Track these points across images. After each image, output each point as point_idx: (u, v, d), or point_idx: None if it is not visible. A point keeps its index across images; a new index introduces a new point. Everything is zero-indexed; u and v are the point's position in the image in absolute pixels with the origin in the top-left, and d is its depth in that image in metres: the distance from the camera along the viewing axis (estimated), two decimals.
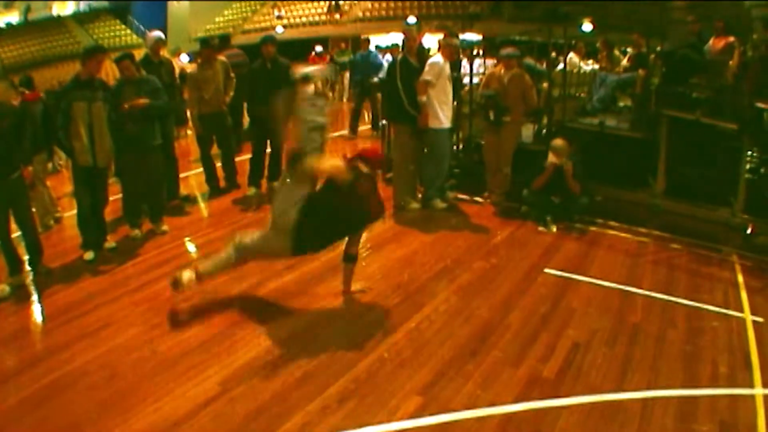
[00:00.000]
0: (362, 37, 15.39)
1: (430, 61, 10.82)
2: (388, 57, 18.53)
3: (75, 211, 9.31)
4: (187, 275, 7.19)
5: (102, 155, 8.88)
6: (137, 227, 10.06)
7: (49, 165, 9.74)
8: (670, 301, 7.71)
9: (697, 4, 15.20)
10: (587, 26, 15.65)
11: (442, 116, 10.74)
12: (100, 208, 9.36)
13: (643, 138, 11.48)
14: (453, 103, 11.18)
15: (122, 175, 10.16)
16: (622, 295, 7.87)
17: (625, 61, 14.94)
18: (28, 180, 8.68)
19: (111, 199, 9.92)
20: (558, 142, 10.23)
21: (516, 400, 5.55)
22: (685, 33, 13.20)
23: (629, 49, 15.34)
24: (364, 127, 19.10)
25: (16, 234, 8.50)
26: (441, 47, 11.14)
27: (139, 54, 10.70)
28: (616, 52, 15.55)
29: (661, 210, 10.71)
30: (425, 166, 11.24)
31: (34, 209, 9.06)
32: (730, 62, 11.14)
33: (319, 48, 25.84)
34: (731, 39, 12.10)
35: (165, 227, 10.21)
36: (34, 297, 8.08)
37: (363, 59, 19.37)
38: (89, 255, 9.10)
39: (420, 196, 11.51)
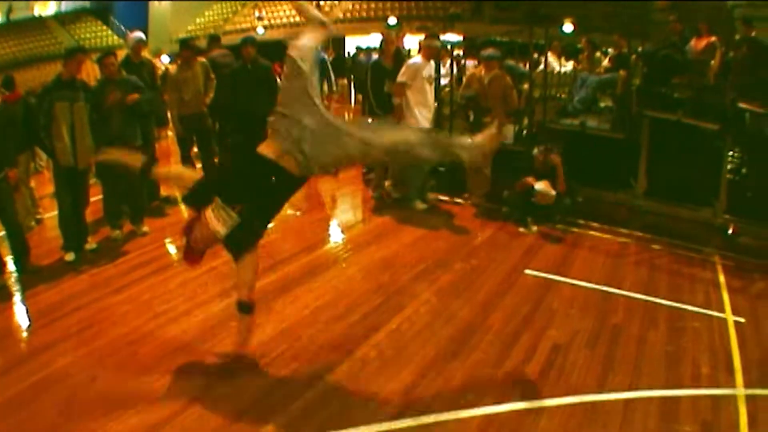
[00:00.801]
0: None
1: (407, 62, 10.87)
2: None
3: (56, 212, 9.29)
4: None
5: (83, 156, 8.86)
6: (118, 228, 10.02)
7: (32, 165, 9.68)
8: (652, 301, 7.73)
9: (679, 4, 15.27)
10: (568, 27, 15.70)
11: (420, 117, 10.77)
12: (81, 209, 9.34)
13: (625, 138, 11.54)
14: (434, 104, 11.12)
15: (102, 176, 10.11)
16: (604, 295, 7.89)
17: (606, 62, 14.98)
18: (13, 181, 8.67)
19: (92, 200, 9.89)
20: (542, 187, 10.20)
21: (497, 401, 5.52)
22: (666, 33, 13.25)
23: (610, 50, 15.38)
24: None
25: None
26: (421, 48, 11.19)
27: (120, 55, 10.66)
28: (597, 53, 15.59)
29: (642, 211, 10.77)
30: (403, 167, 11.26)
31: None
32: (712, 62, 11.15)
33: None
34: (713, 39, 12.15)
35: (145, 228, 10.18)
36: (16, 298, 8.04)
37: None
38: (70, 256, 9.05)
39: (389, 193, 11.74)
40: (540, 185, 10.18)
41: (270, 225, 6.14)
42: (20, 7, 50.07)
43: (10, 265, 8.63)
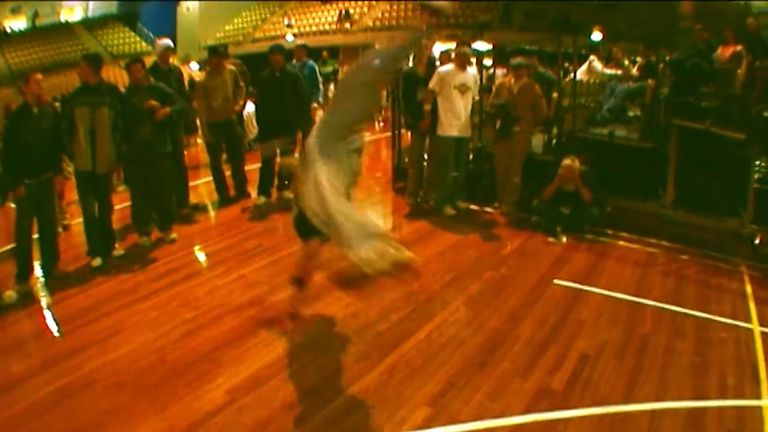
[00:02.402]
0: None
1: (437, 70, 10.99)
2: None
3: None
4: None
5: (102, 161, 8.98)
6: (146, 235, 10.14)
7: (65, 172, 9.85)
8: (679, 312, 7.71)
9: (705, 12, 15.18)
10: (596, 35, 15.67)
11: (446, 123, 10.92)
12: (106, 215, 9.45)
13: (653, 148, 11.51)
14: (466, 111, 11.22)
15: (131, 182, 10.21)
16: (632, 306, 7.87)
17: (634, 71, 14.94)
18: (58, 186, 8.98)
19: (120, 206, 9.99)
20: (567, 162, 10.26)
21: (524, 412, 5.56)
22: (693, 41, 13.21)
23: (638, 59, 15.34)
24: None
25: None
26: (453, 56, 11.27)
27: (148, 62, 10.76)
28: (626, 62, 15.55)
29: (670, 220, 10.72)
30: (431, 172, 11.39)
31: None
32: (738, 71, 11.13)
33: None
34: (739, 48, 12.09)
35: (174, 235, 10.28)
36: (43, 303, 8.17)
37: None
38: (97, 261, 9.20)
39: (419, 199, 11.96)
40: (566, 160, 10.29)
41: None
42: (46, 13, 50.21)
43: (38, 271, 8.78)
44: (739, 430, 5.47)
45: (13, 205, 8.83)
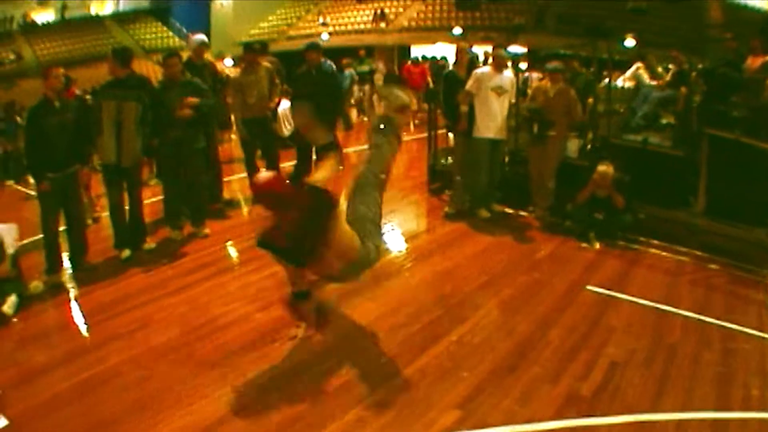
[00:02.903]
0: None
1: (474, 71, 11.10)
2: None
3: None
4: None
5: (127, 155, 9.10)
6: (178, 229, 10.29)
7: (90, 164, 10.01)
8: (707, 321, 7.74)
9: (733, 20, 15.17)
10: (630, 42, 15.70)
11: (481, 125, 11.04)
12: (136, 208, 9.59)
13: (685, 156, 11.54)
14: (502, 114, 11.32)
15: (164, 176, 10.35)
16: (661, 314, 7.91)
17: (667, 77, 14.94)
18: (84, 179, 9.11)
19: (152, 200, 10.14)
20: (602, 169, 10.32)
21: (553, 418, 5.63)
22: (723, 50, 13.21)
23: (671, 66, 15.36)
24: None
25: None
26: (491, 58, 11.41)
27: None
28: (660, 69, 15.55)
29: (700, 230, 10.75)
30: (466, 174, 11.54)
31: None
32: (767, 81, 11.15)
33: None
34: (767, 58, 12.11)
35: (206, 231, 10.43)
36: (71, 295, 8.32)
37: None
38: (125, 253, 9.40)
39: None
40: (601, 166, 10.33)
41: None
42: (74, 6, 50.33)
43: (66, 263, 8.93)
44: None
45: (33, 193, 8.92)
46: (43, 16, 49.50)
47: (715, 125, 10.96)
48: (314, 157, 12.11)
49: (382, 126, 6.61)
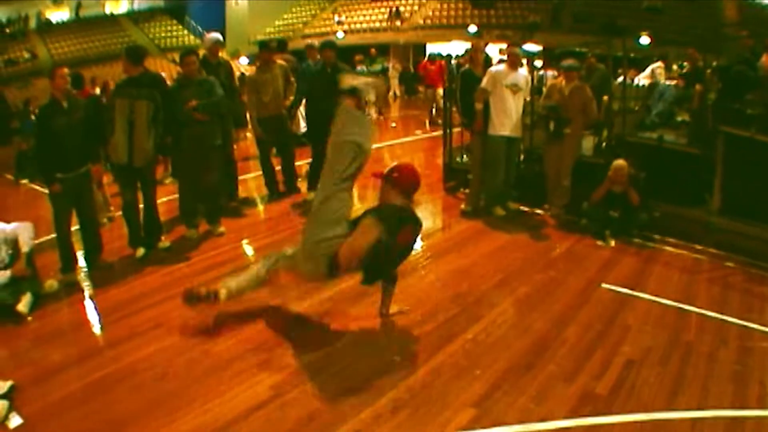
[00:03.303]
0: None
1: (489, 69, 11.11)
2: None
3: None
4: (223, 292, 7.15)
5: (139, 154, 9.09)
6: (193, 228, 10.34)
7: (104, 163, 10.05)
8: (723, 320, 7.71)
9: (749, 18, 15.12)
10: (645, 39, 15.68)
11: (497, 123, 11.08)
12: (150, 207, 9.62)
13: (700, 154, 11.53)
14: (518, 111, 11.38)
15: (180, 175, 10.38)
16: (677, 312, 7.89)
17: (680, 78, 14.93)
18: (96, 177, 9.14)
19: (167, 199, 10.16)
20: (618, 163, 10.34)
21: (568, 416, 5.62)
22: (739, 48, 13.18)
23: (686, 64, 15.33)
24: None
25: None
26: (506, 56, 11.43)
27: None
28: (675, 67, 15.53)
29: (716, 228, 10.74)
30: (483, 172, 11.52)
31: None
32: None
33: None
34: None
35: (222, 229, 10.47)
36: (86, 293, 8.37)
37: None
38: (140, 252, 9.48)
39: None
40: (618, 161, 10.36)
41: None
42: (89, 4, 50.51)
43: (82, 262, 8.98)
44: None
45: (46, 191, 8.96)
46: (58, 14, 49.68)
47: (730, 123, 10.93)
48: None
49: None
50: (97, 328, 7.46)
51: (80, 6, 50.28)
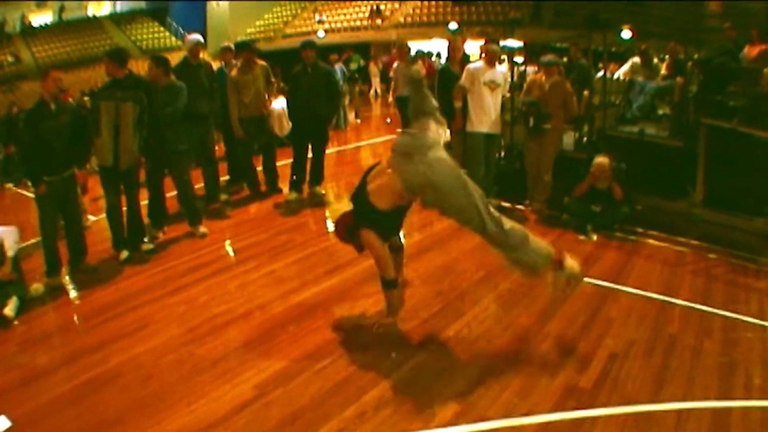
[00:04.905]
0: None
1: (467, 66, 11.09)
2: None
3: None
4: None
5: (125, 157, 9.04)
6: (157, 228, 10.38)
7: (87, 166, 9.96)
8: (707, 311, 7.71)
9: (731, 10, 15.12)
10: (626, 33, 15.66)
11: (475, 120, 11.09)
12: (132, 209, 9.57)
13: (682, 147, 11.52)
14: (496, 108, 11.35)
15: (147, 177, 10.34)
16: (660, 305, 7.88)
17: (663, 69, 14.92)
18: (81, 181, 9.02)
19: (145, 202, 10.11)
20: (599, 160, 10.32)
21: (552, 410, 5.60)
22: (721, 40, 13.17)
23: (667, 57, 15.32)
24: None
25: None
26: (483, 53, 11.39)
27: (177, 57, 10.83)
28: (655, 60, 15.52)
29: (699, 220, 10.74)
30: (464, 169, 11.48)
31: None
32: (765, 70, 11.11)
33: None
34: (765, 47, 12.07)
35: (204, 230, 10.45)
36: (71, 296, 8.33)
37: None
38: (124, 254, 9.42)
39: None
40: (599, 158, 10.34)
41: None
42: (72, 7, 50.51)
43: (67, 264, 8.93)
44: (764, 431, 5.51)
45: (31, 195, 8.91)
46: (41, 18, 49.62)
47: (712, 115, 10.95)
48: (310, 155, 12.28)
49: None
50: (83, 331, 7.38)
51: (63, 9, 50.23)
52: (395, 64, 17.30)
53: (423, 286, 8.34)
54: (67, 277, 8.84)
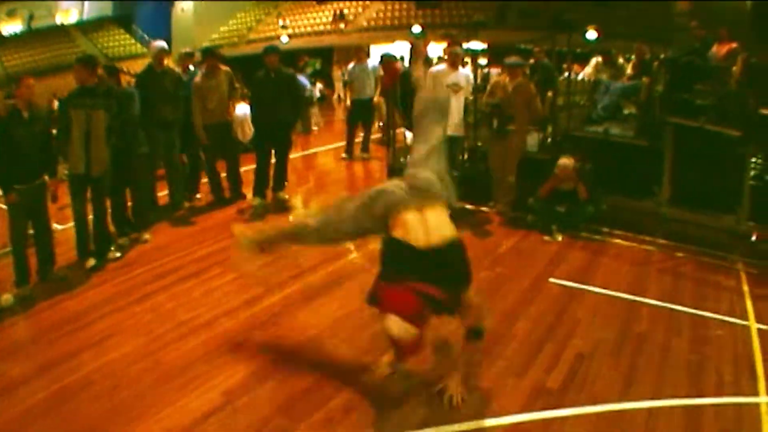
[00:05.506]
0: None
1: (430, 69, 11.04)
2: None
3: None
4: None
5: (97, 164, 8.98)
6: (123, 235, 10.25)
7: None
8: (676, 309, 7.69)
9: (701, 8, 15.15)
10: (591, 34, 15.65)
11: None
12: (100, 217, 9.47)
13: (648, 146, 11.52)
14: (459, 110, 11.30)
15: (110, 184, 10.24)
16: (628, 304, 7.85)
17: (629, 69, 14.93)
18: (52, 189, 8.86)
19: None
20: (563, 161, 10.27)
21: (520, 411, 5.55)
22: (689, 39, 13.20)
23: (633, 57, 15.34)
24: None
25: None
26: (446, 56, 11.36)
27: (142, 63, 10.74)
28: (621, 60, 15.52)
29: (666, 218, 10.73)
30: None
31: None
32: (734, 68, 11.11)
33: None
34: (734, 45, 12.09)
35: (146, 236, 10.41)
36: (40, 306, 8.14)
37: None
38: (91, 262, 9.26)
39: None
40: (563, 159, 10.28)
41: None
42: (42, 15, 50.32)
43: (36, 274, 8.78)
44: (737, 428, 5.46)
45: (3, 206, 8.76)
46: (12, 27, 49.38)
47: (679, 114, 10.94)
48: (273, 160, 12.24)
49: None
50: (53, 340, 7.23)
51: (32, 18, 49.99)
52: (350, 65, 17.15)
53: None
54: (37, 287, 8.68)
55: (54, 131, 8.99)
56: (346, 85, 17.42)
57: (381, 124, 18.36)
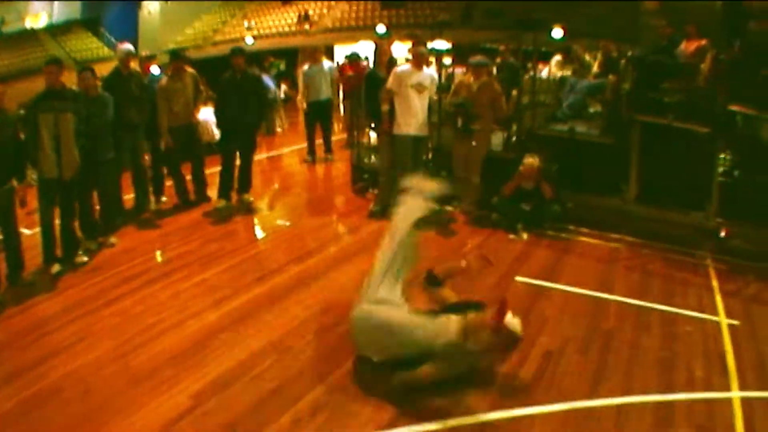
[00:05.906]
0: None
1: (394, 70, 10.96)
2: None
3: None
4: None
5: (68, 167, 8.86)
6: (92, 239, 10.07)
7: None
8: (644, 306, 7.68)
9: (669, 7, 15.20)
10: (557, 32, 15.63)
11: (402, 122, 10.94)
12: (68, 221, 9.37)
13: (615, 144, 11.50)
14: (423, 110, 11.17)
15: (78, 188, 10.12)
16: (595, 301, 7.84)
17: (595, 67, 14.91)
18: (20, 195, 8.73)
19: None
20: (527, 160, 10.23)
21: (490, 408, 5.54)
22: (656, 37, 13.19)
23: (599, 55, 15.32)
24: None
25: None
26: (411, 55, 11.27)
27: (109, 67, 10.62)
28: (587, 57, 15.50)
29: (633, 216, 10.74)
30: (391, 171, 11.28)
31: None
32: (702, 65, 11.09)
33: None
34: (703, 42, 12.09)
35: (112, 240, 10.29)
36: (9, 312, 8.04)
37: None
38: (56, 268, 9.12)
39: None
40: (527, 158, 10.29)
41: None
42: (12, 20, 50.11)
43: (5, 279, 8.68)
44: (709, 423, 5.43)
45: None
46: None
47: (646, 112, 10.94)
48: (238, 162, 12.19)
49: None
50: (23, 346, 7.16)
51: (3, 22, 49.74)
52: (305, 67, 16.98)
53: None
54: (5, 292, 8.58)
55: (23, 136, 8.86)
56: (303, 86, 17.19)
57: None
